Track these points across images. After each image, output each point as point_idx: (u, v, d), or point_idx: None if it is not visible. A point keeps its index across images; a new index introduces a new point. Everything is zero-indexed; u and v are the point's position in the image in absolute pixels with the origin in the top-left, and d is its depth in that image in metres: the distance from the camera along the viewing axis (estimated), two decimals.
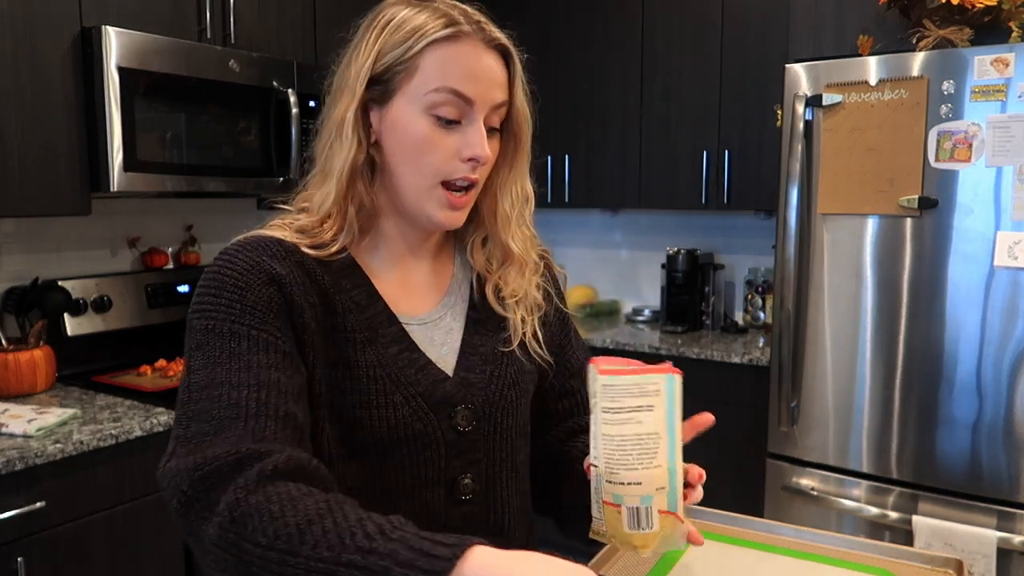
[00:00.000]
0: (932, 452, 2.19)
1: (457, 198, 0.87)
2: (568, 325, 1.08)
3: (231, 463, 0.68)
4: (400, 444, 0.85)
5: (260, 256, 0.83)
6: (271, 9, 2.48)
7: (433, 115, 0.84)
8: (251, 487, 0.66)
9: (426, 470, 0.87)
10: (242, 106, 2.33)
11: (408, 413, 0.85)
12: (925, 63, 2.12)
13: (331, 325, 0.85)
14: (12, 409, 1.87)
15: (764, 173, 2.84)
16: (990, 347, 2.09)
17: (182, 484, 0.69)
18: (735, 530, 1.12)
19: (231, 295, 0.79)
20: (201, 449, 0.71)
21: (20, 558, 1.65)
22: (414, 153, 0.85)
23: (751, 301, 3.22)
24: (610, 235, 3.67)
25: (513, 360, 0.95)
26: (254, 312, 0.79)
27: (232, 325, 0.78)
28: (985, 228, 2.07)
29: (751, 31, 2.88)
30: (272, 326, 0.80)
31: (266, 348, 0.78)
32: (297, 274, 0.84)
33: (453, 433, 0.88)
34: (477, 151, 0.85)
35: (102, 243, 2.47)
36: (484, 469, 0.91)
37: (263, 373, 0.76)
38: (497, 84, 0.86)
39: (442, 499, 0.88)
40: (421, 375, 0.87)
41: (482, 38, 0.86)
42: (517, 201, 0.94)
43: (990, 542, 2.06)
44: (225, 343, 0.77)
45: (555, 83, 3.25)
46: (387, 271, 0.92)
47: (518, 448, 0.95)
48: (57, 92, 1.99)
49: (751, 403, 2.63)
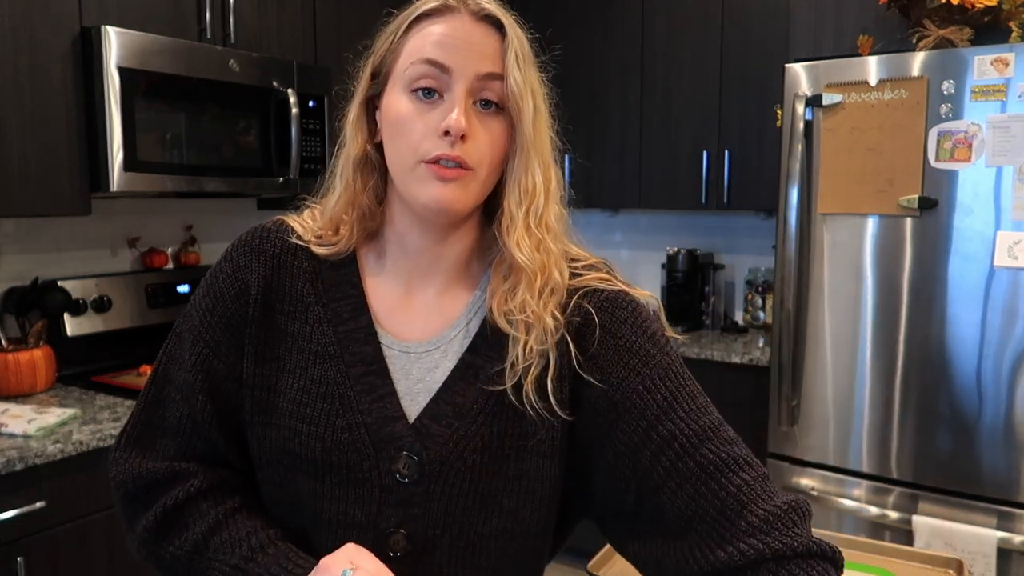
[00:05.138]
0: (932, 452, 2.19)
1: (442, 169, 0.76)
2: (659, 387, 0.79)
3: (166, 478, 0.84)
4: (331, 471, 0.78)
5: (247, 258, 0.85)
6: (271, 9, 2.47)
7: (412, 91, 0.78)
8: (177, 502, 0.83)
9: (355, 510, 0.78)
10: (242, 106, 2.33)
11: (346, 440, 0.78)
12: (925, 63, 2.12)
13: (297, 333, 0.83)
14: (12, 409, 1.87)
15: (764, 173, 2.84)
16: (990, 347, 2.09)
17: (128, 483, 0.85)
18: None
19: (207, 302, 0.85)
20: (148, 455, 0.86)
21: (20, 558, 1.64)
22: (396, 134, 0.79)
23: (751, 301, 3.22)
24: (610, 235, 3.67)
25: (499, 418, 0.79)
26: (214, 329, 0.84)
27: (195, 336, 0.85)
28: (985, 228, 2.07)
29: (751, 31, 2.88)
30: (223, 346, 0.84)
31: (206, 370, 0.84)
32: (274, 279, 0.84)
33: (390, 478, 0.78)
34: (450, 120, 0.75)
35: (102, 243, 2.47)
36: (423, 529, 0.78)
37: (188, 392, 0.84)
38: (482, 54, 0.78)
39: (371, 549, 0.75)
40: (375, 405, 0.79)
41: (469, 10, 0.79)
42: (525, 198, 0.80)
43: (990, 542, 2.06)
44: (184, 349, 0.86)
45: (555, 83, 3.24)
46: (390, 282, 0.85)
47: (476, 521, 0.79)
48: (57, 92, 1.99)
49: (751, 403, 2.63)
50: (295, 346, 0.83)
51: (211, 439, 0.85)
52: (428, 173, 0.77)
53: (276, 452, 0.82)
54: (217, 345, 0.84)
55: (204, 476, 0.85)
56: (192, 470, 0.85)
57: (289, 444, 0.80)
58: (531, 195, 0.81)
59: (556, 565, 2.92)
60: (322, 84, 2.53)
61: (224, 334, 0.84)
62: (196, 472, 0.85)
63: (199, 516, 0.82)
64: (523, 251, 0.79)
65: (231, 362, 0.84)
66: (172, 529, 0.83)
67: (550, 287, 0.79)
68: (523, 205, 0.80)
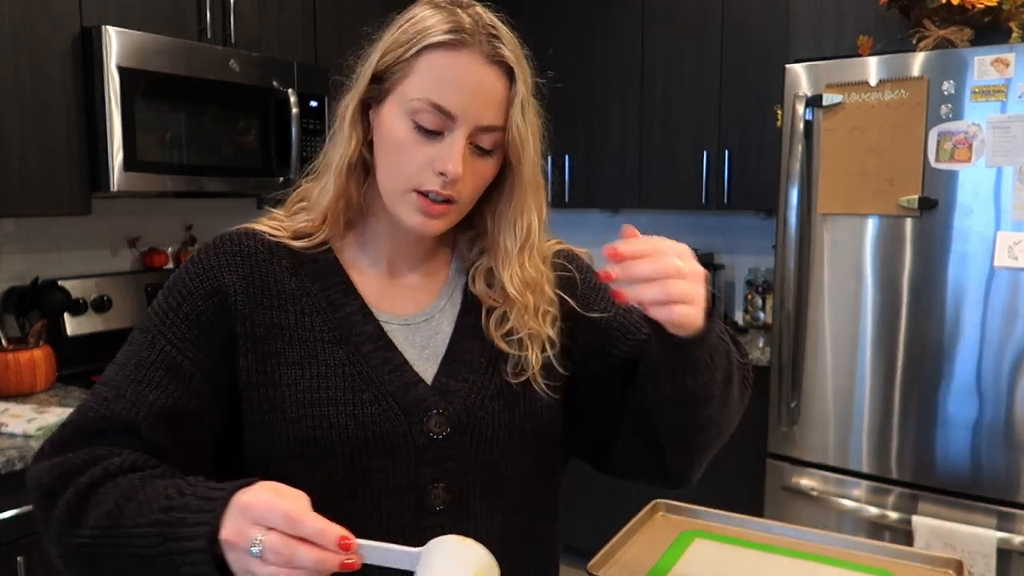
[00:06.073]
0: (932, 452, 2.19)
1: (432, 205, 0.82)
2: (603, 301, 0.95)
3: (85, 462, 0.77)
4: (367, 445, 0.81)
5: (220, 259, 0.84)
6: (271, 9, 2.48)
7: (413, 121, 0.81)
8: (94, 480, 0.75)
9: (394, 476, 0.82)
10: (242, 106, 2.33)
11: (377, 412, 0.82)
12: (925, 63, 2.12)
13: (293, 325, 0.83)
14: (12, 409, 1.87)
15: (764, 173, 2.84)
16: (990, 347, 2.09)
17: (43, 476, 0.77)
18: (735, 530, 1.12)
19: (172, 300, 0.83)
20: (63, 453, 0.79)
21: (20, 558, 1.65)
22: (391, 156, 0.82)
23: (751, 301, 3.22)
24: (610, 235, 3.62)
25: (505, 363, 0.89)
26: (179, 326, 0.82)
27: (154, 335, 0.82)
28: (985, 228, 2.07)
29: (751, 31, 2.88)
30: (190, 343, 0.81)
31: (168, 366, 0.80)
32: (255, 277, 0.84)
33: (424, 438, 0.83)
34: (448, 166, 0.79)
35: (102, 243, 2.47)
36: (457, 480, 0.85)
37: (150, 394, 0.79)
38: (488, 102, 0.81)
39: (411, 509, 0.83)
40: (394, 375, 0.84)
41: (485, 51, 0.80)
42: (521, 235, 0.87)
43: (990, 542, 2.06)
44: (142, 348, 0.82)
45: (555, 83, 3.24)
46: (372, 268, 0.90)
47: (501, 463, 0.88)
48: (57, 92, 1.99)
49: (751, 403, 2.63)
50: (295, 338, 0.83)
51: (153, 438, 0.79)
52: (417, 204, 0.82)
53: (296, 445, 0.80)
54: (181, 342, 0.81)
55: (129, 456, 0.77)
56: (115, 452, 0.78)
57: (315, 432, 0.80)
58: (527, 234, 0.88)
59: None
60: (322, 84, 2.53)
61: (191, 331, 0.82)
62: (120, 453, 0.78)
63: (115, 489, 0.74)
64: (515, 285, 0.87)
65: (198, 360, 0.81)
66: (87, 511, 0.74)
67: (545, 303, 0.89)
68: (518, 242, 0.88)
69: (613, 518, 1.17)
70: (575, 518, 3.05)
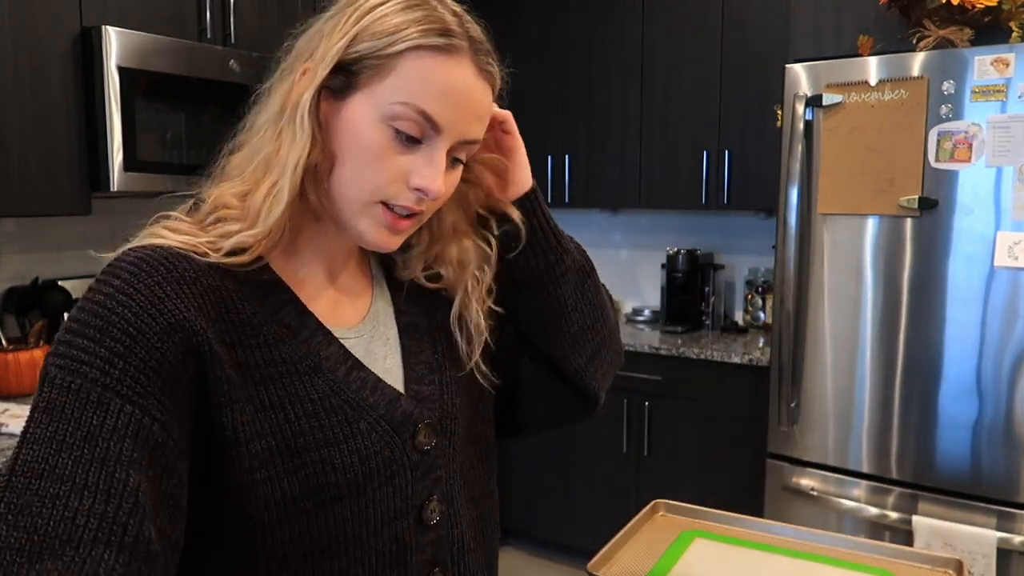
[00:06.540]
0: (932, 452, 2.19)
1: (399, 221, 0.74)
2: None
3: None
4: (371, 478, 0.74)
5: (165, 289, 0.66)
6: (271, 9, 2.48)
7: (392, 127, 0.71)
8: None
9: (395, 501, 0.76)
10: (242, 106, 2.33)
11: (375, 440, 0.74)
12: (925, 63, 2.12)
13: (261, 362, 0.70)
14: (12, 409, 1.87)
15: (764, 173, 2.84)
16: (990, 347, 2.09)
17: None
18: (735, 530, 1.12)
19: (115, 345, 0.62)
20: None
21: None
22: (360, 163, 0.72)
23: (751, 301, 3.22)
24: (610, 235, 3.67)
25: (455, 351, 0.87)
26: (137, 376, 0.62)
27: (103, 392, 0.60)
28: (985, 228, 2.07)
29: (751, 31, 2.89)
30: (155, 398, 0.62)
31: (135, 434, 0.60)
32: (211, 309, 0.68)
33: (417, 453, 0.78)
34: (428, 183, 0.72)
35: (102, 243, 2.46)
36: (446, 488, 0.81)
37: (120, 473, 0.59)
38: (475, 117, 0.75)
39: (411, 529, 0.78)
40: (376, 395, 0.76)
41: (475, 63, 0.74)
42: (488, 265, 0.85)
43: (990, 542, 2.06)
44: (84, 416, 0.60)
45: (555, 83, 3.25)
46: (312, 278, 0.79)
47: (470, 457, 0.87)
48: (57, 92, 1.99)
49: (751, 403, 2.63)
50: (266, 376, 0.70)
51: (140, 535, 0.58)
52: (382, 218, 0.74)
53: (301, 497, 0.70)
54: (145, 399, 0.62)
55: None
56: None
57: (321, 478, 0.71)
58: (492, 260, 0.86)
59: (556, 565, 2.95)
60: None
61: (153, 383, 0.62)
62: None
63: None
64: (480, 312, 0.85)
65: (167, 421, 0.63)
66: None
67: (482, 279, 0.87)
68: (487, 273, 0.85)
69: (613, 518, 1.17)
70: (575, 518, 3.06)
